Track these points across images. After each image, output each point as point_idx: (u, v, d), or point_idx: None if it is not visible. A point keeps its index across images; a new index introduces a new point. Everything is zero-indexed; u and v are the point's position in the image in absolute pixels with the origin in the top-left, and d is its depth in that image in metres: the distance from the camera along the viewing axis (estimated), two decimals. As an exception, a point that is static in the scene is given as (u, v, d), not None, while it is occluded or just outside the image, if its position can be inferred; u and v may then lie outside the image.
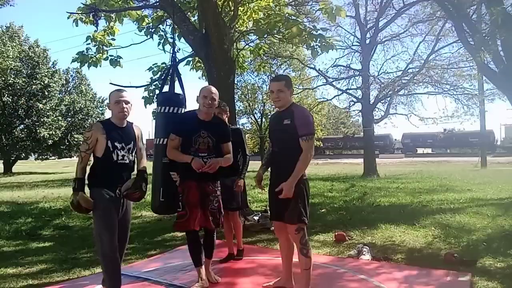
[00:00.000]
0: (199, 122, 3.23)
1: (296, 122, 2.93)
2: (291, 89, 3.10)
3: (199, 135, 3.19)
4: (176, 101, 3.53)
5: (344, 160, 33.32)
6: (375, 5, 15.84)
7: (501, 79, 6.81)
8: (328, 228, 5.77)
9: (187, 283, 3.48)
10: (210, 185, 3.25)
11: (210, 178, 3.23)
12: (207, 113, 3.23)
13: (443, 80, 15.34)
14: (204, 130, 3.21)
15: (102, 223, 2.93)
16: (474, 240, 4.93)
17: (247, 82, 23.63)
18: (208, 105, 3.19)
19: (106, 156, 2.92)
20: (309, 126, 2.97)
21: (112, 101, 3.00)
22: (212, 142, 3.23)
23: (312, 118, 3.12)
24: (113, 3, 6.39)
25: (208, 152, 3.21)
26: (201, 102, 3.22)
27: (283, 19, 5.80)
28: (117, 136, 2.98)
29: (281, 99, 3.03)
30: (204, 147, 3.20)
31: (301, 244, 2.96)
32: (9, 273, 4.09)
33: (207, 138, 3.21)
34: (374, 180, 13.70)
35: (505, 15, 6.10)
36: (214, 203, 3.26)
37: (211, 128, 3.24)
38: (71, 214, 7.76)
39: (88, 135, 2.94)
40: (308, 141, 2.91)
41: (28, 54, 24.33)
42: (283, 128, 2.99)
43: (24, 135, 24.65)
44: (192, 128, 3.20)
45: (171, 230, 6.02)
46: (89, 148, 2.93)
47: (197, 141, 3.19)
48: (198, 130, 3.20)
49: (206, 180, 3.21)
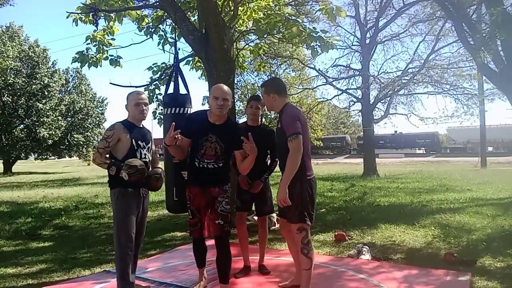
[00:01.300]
0: (209, 125, 2.88)
1: (283, 125, 2.92)
2: (274, 93, 3.03)
3: (207, 139, 2.86)
4: (182, 101, 3.58)
5: (344, 160, 33.37)
6: (375, 5, 15.87)
7: (501, 79, 6.82)
8: (328, 228, 5.77)
9: (187, 283, 3.48)
10: (216, 187, 2.94)
11: (215, 183, 2.93)
12: (219, 115, 2.86)
13: (443, 80, 15.35)
14: (213, 134, 2.86)
15: (124, 228, 2.91)
16: (474, 240, 4.93)
17: (247, 82, 23.59)
18: (220, 106, 2.81)
19: (130, 156, 2.93)
20: (292, 126, 2.84)
21: (131, 103, 3.02)
22: (220, 148, 2.87)
23: (299, 116, 2.95)
24: (113, 3, 6.38)
25: (215, 159, 2.88)
26: (212, 103, 2.85)
27: (283, 19, 5.79)
28: (138, 135, 3.03)
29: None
30: (211, 153, 2.87)
31: (302, 244, 2.95)
32: (9, 273, 4.09)
33: (215, 143, 2.86)
34: (374, 180, 13.71)
35: (505, 15, 6.10)
36: (223, 205, 2.92)
37: (221, 132, 2.87)
38: (71, 214, 7.77)
39: (109, 134, 2.93)
40: (293, 141, 2.81)
41: (28, 54, 24.32)
42: (278, 134, 3.06)
43: (24, 135, 24.64)
44: (200, 130, 2.88)
45: (171, 230, 6.04)
46: (108, 146, 2.92)
47: (203, 145, 2.87)
48: (206, 133, 2.86)
49: (210, 185, 2.93)
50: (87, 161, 31.73)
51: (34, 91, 24.14)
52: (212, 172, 2.89)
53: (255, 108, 3.61)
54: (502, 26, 6.00)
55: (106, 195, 10.83)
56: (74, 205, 8.83)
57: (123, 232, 2.91)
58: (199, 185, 2.93)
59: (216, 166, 2.89)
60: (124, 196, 2.92)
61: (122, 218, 2.93)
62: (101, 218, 7.34)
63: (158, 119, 7.70)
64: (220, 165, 2.91)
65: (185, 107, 3.61)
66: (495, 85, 8.34)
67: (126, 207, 2.93)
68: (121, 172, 2.81)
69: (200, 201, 2.94)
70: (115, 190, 2.95)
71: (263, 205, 3.70)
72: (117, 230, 2.94)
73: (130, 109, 3.05)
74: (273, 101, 3.04)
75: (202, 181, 2.92)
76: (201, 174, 2.90)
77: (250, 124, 3.64)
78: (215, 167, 2.89)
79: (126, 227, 2.92)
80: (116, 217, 2.97)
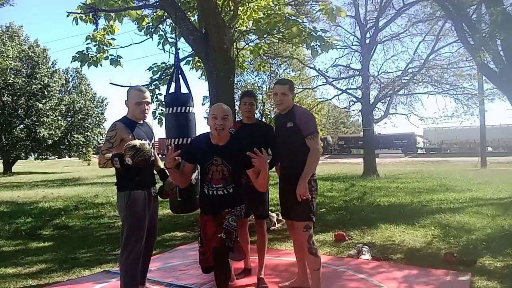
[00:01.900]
0: (211, 147, 2.71)
1: (298, 124, 2.98)
2: (293, 93, 3.20)
3: (212, 163, 2.68)
4: (184, 100, 3.59)
5: (344, 160, 33.42)
6: (375, 5, 15.85)
7: (501, 79, 6.82)
8: (328, 228, 5.78)
9: (187, 283, 3.48)
10: (228, 208, 2.72)
11: (227, 207, 2.72)
12: (219, 136, 2.68)
13: (443, 80, 15.34)
14: (217, 157, 2.68)
15: (134, 235, 2.81)
16: (474, 240, 4.93)
17: (247, 82, 23.62)
18: (220, 126, 2.63)
19: None
20: (311, 125, 3.02)
21: (132, 100, 2.90)
22: (228, 170, 2.68)
23: (314, 117, 3.18)
24: (112, 2, 6.38)
25: (224, 184, 2.68)
26: (211, 123, 2.66)
27: (283, 19, 5.79)
28: (141, 133, 2.93)
29: (284, 102, 3.08)
30: (218, 176, 2.68)
31: (308, 244, 2.98)
32: (9, 273, 4.09)
33: (221, 166, 2.67)
34: (374, 180, 13.71)
35: (505, 15, 6.10)
36: (230, 221, 2.66)
37: (225, 153, 2.68)
38: (71, 214, 7.77)
39: (112, 134, 2.82)
40: (314, 139, 2.96)
41: (28, 54, 24.30)
42: (287, 132, 3.05)
43: (24, 135, 24.63)
44: (203, 155, 2.71)
45: (171, 230, 6.04)
46: (112, 147, 2.79)
47: (209, 170, 2.69)
48: (210, 157, 2.69)
49: (222, 210, 2.71)
50: (87, 161, 31.73)
51: (34, 91, 24.13)
52: (223, 200, 2.71)
53: (249, 105, 3.46)
54: (502, 26, 6.00)
55: (106, 195, 10.84)
56: (74, 205, 8.83)
57: (133, 238, 2.80)
58: (211, 213, 2.74)
59: (226, 192, 2.70)
60: (135, 200, 2.80)
61: (133, 224, 2.81)
62: (101, 218, 7.34)
63: (158, 119, 7.70)
64: (230, 190, 2.70)
65: (187, 106, 3.61)
66: (495, 85, 8.34)
67: (137, 212, 2.81)
68: (125, 159, 2.61)
69: (211, 228, 2.71)
70: (124, 193, 2.82)
71: (258, 206, 3.46)
72: (127, 236, 2.80)
73: (130, 107, 2.93)
74: (290, 99, 3.12)
75: (213, 209, 2.73)
76: (212, 202, 2.73)
77: (246, 122, 3.52)
78: (225, 193, 2.70)
79: (137, 234, 2.81)
80: (126, 222, 2.82)
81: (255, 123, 3.54)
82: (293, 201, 2.94)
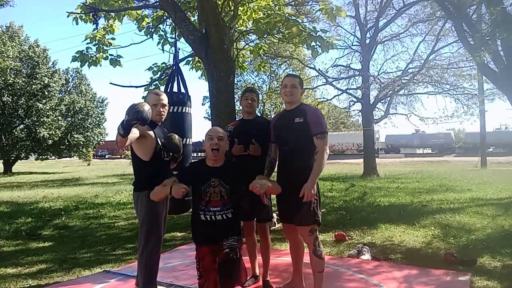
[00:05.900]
0: (208, 170, 2.70)
1: (309, 121, 2.90)
2: (303, 89, 3.13)
3: (209, 185, 2.65)
4: (182, 100, 3.59)
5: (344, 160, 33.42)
6: (375, 5, 15.86)
7: (501, 79, 6.82)
8: (328, 228, 5.77)
9: (187, 283, 3.48)
10: (226, 237, 2.63)
11: (225, 236, 2.62)
12: (214, 159, 2.70)
13: (443, 80, 15.36)
14: (215, 178, 2.66)
15: (155, 234, 2.88)
16: (474, 240, 4.94)
17: (247, 82, 23.62)
18: (216, 145, 2.65)
19: (156, 156, 2.88)
20: (322, 125, 2.93)
21: (149, 103, 2.91)
22: (226, 191, 2.65)
23: (324, 117, 3.09)
24: (113, 2, 6.38)
25: (221, 206, 2.64)
26: (207, 145, 2.70)
27: (283, 19, 5.80)
28: (160, 133, 3.00)
29: (293, 94, 3.01)
30: (217, 198, 2.63)
31: (314, 246, 2.91)
32: (9, 273, 4.09)
33: (219, 186, 2.64)
34: (374, 180, 13.71)
35: (505, 15, 6.10)
36: (230, 241, 2.58)
37: (222, 174, 2.68)
38: (71, 214, 7.78)
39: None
40: (323, 139, 2.88)
41: (28, 54, 24.30)
42: (295, 127, 2.93)
43: (24, 135, 24.61)
44: (200, 177, 2.69)
45: (171, 230, 6.04)
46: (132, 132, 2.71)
47: (207, 192, 2.64)
48: (207, 178, 2.66)
49: (220, 239, 2.62)
50: (87, 161, 31.72)
51: (34, 91, 24.12)
52: (221, 226, 2.62)
53: (250, 100, 3.41)
54: (502, 26, 6.01)
55: (106, 195, 10.84)
56: (74, 205, 8.83)
57: (153, 237, 2.86)
58: (209, 243, 2.64)
59: (225, 217, 2.63)
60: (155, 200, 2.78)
61: (154, 224, 2.86)
62: (101, 218, 7.34)
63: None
64: (229, 215, 2.65)
65: (184, 106, 3.62)
66: (495, 85, 8.34)
67: (157, 212, 2.87)
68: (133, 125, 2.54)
69: (208, 261, 2.63)
70: (144, 193, 2.83)
71: (261, 211, 3.37)
72: (147, 236, 2.85)
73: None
74: (299, 94, 3.06)
75: (210, 237, 2.63)
76: (208, 229, 2.63)
77: (245, 118, 3.47)
78: (224, 218, 2.63)
79: (158, 234, 2.89)
80: (146, 222, 2.86)
81: (254, 118, 3.51)
82: (297, 204, 2.82)
